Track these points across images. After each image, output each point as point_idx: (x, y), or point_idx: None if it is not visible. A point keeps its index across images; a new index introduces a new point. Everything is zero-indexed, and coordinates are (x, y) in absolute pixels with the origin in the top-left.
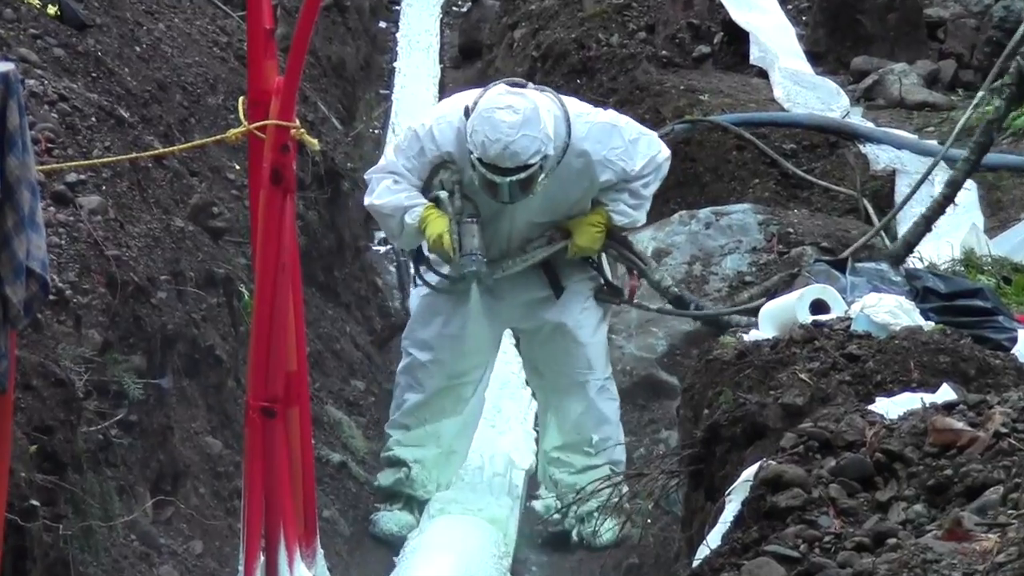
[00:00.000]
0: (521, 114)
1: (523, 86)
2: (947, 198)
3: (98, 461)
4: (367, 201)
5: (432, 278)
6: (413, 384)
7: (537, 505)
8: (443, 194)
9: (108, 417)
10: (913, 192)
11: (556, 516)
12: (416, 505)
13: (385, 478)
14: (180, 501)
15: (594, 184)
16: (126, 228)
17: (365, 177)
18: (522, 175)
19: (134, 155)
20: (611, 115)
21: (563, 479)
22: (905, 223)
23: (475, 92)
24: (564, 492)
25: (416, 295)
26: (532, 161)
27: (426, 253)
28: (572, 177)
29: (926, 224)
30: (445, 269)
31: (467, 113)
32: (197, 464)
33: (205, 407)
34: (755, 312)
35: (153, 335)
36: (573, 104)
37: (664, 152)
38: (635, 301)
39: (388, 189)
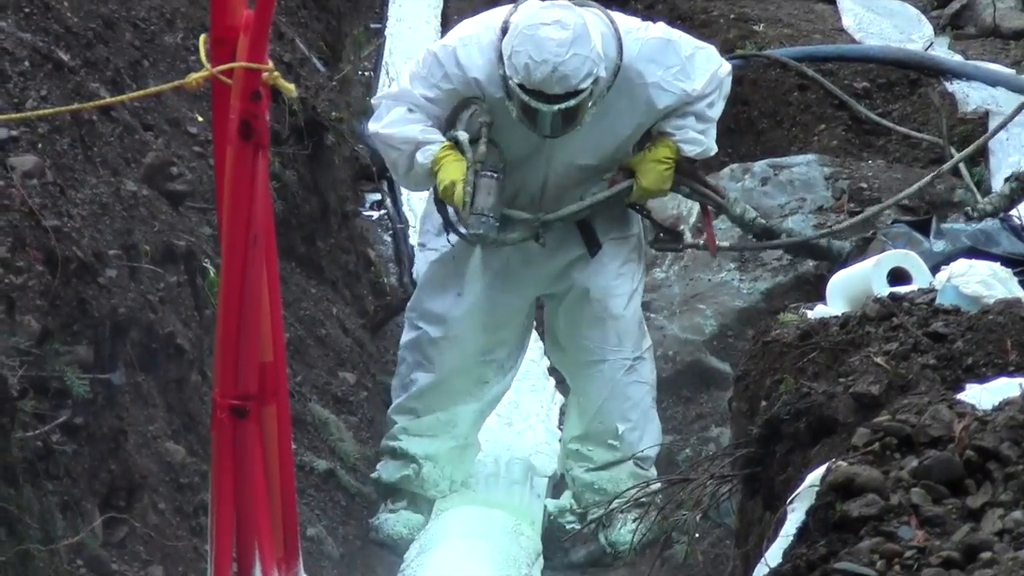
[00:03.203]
0: (571, 30)
1: None
2: None
3: (37, 472)
4: (374, 128)
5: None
6: (422, 362)
7: (549, 504)
8: (463, 135)
9: (48, 420)
10: (996, 130)
11: (571, 519)
12: (424, 502)
13: (388, 472)
14: (136, 519)
15: (651, 113)
16: (67, 194)
17: (372, 102)
18: (572, 102)
19: (76, 106)
20: (662, 28)
21: (579, 476)
22: (1000, 174)
23: (504, 9)
24: (580, 491)
25: (424, 258)
26: (583, 85)
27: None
28: (623, 106)
29: None
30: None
31: (503, 32)
32: (156, 475)
33: (165, 406)
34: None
35: (101, 321)
36: (620, 19)
37: (725, 66)
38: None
39: (402, 118)
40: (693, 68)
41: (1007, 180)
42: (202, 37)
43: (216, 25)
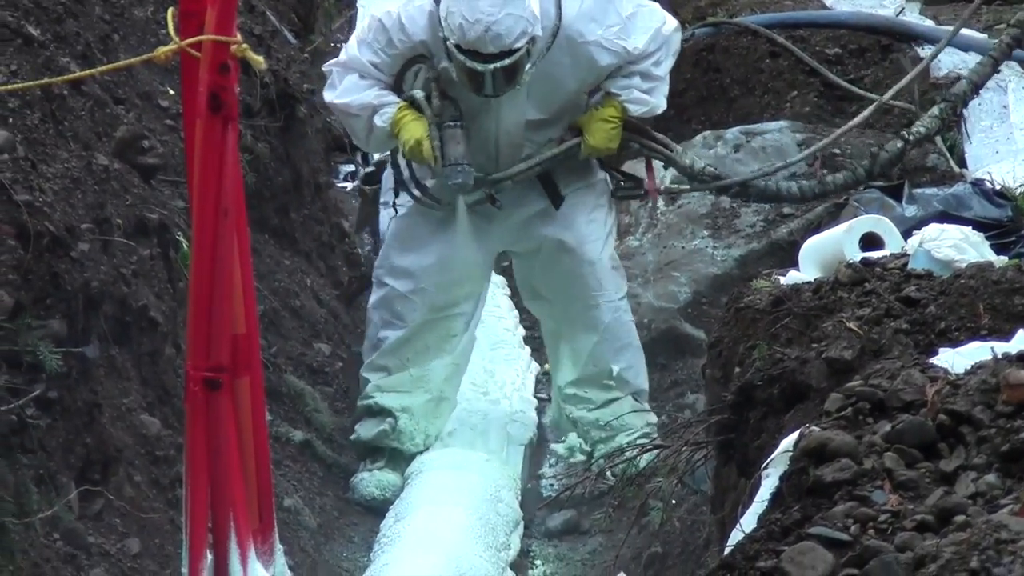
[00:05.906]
0: None
1: None
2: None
3: (11, 446)
4: (328, 98)
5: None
6: (391, 320)
7: (559, 448)
8: (419, 93)
9: (22, 394)
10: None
11: (581, 456)
12: (402, 461)
13: (366, 430)
14: (111, 492)
15: (594, 71)
16: (39, 168)
17: (324, 69)
18: (507, 61)
19: (46, 80)
20: None
21: (583, 416)
22: (974, 138)
23: None
24: (586, 429)
25: (389, 216)
26: (518, 44)
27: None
28: (565, 65)
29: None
30: (429, 182)
31: None
32: (131, 447)
33: (139, 379)
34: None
35: (74, 295)
36: None
37: (670, 23)
38: (664, 186)
39: (355, 85)
40: (634, 26)
41: (937, 102)
42: (170, 10)
43: None
